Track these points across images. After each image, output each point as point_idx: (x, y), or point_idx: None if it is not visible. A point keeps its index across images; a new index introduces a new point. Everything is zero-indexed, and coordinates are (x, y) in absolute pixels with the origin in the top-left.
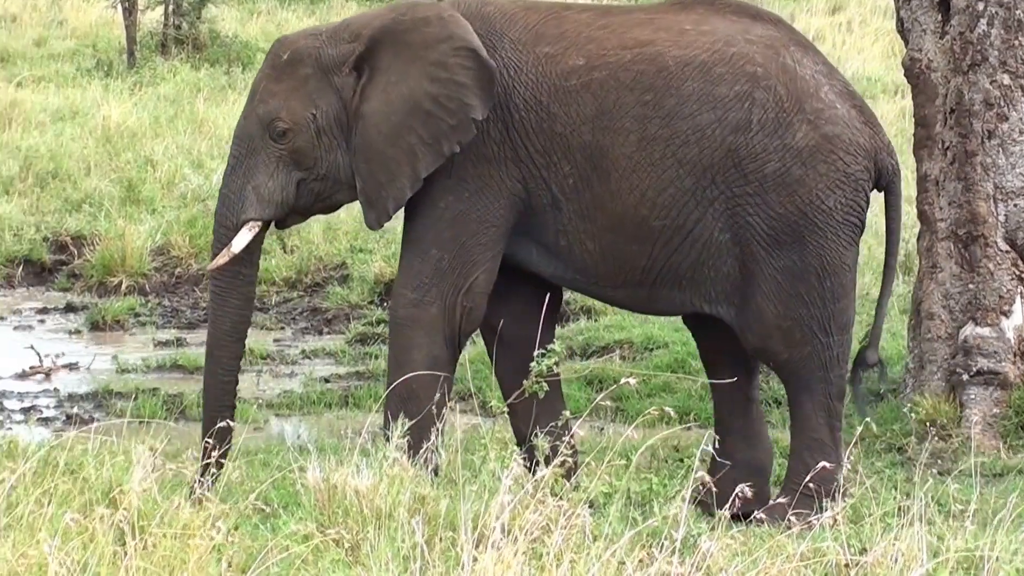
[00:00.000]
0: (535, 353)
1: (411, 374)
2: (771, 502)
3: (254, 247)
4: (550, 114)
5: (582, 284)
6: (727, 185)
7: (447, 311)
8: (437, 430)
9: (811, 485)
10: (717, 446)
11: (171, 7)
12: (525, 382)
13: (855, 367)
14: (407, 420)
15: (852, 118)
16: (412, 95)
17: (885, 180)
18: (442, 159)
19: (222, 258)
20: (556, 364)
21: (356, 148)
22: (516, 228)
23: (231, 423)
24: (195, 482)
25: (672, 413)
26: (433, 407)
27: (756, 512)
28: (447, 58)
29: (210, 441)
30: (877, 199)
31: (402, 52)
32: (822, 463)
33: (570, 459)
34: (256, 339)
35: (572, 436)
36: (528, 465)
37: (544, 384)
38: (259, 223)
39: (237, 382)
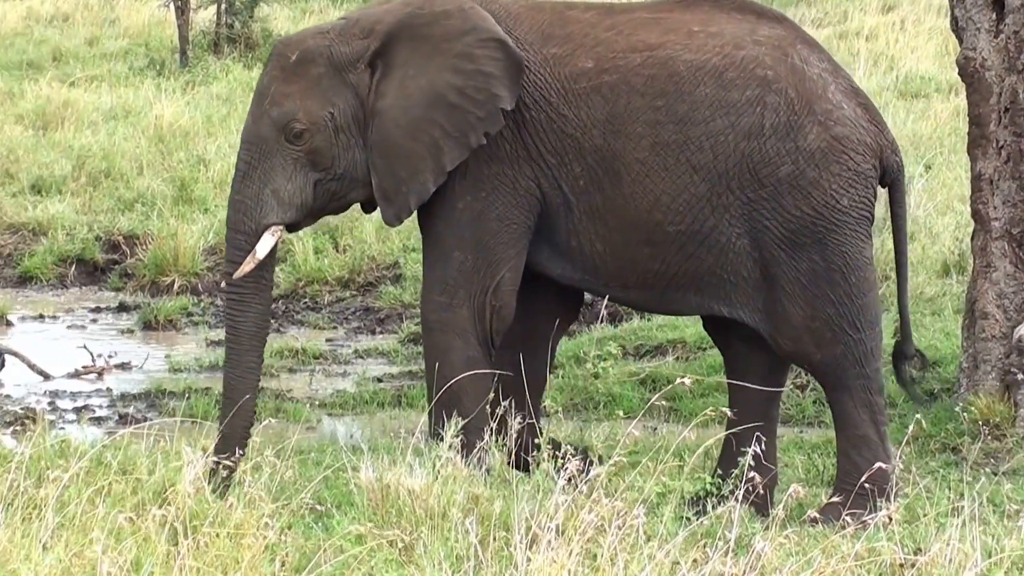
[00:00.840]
0: (592, 353)
1: (451, 378)
2: (825, 502)
3: (273, 251)
4: (560, 115)
5: (591, 284)
6: (741, 190)
7: (477, 312)
8: (489, 429)
9: (865, 485)
10: (723, 456)
11: (223, 6)
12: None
13: (896, 362)
14: (452, 424)
15: (859, 117)
16: (433, 88)
17: (890, 177)
18: (468, 151)
19: (248, 265)
20: (612, 365)
21: (373, 144)
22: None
23: (251, 425)
24: (212, 475)
25: (728, 413)
26: (480, 406)
27: (810, 512)
28: (473, 49)
29: (227, 444)
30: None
31: (420, 46)
32: (877, 464)
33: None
34: (309, 339)
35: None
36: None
37: (599, 385)
38: (282, 227)
39: (259, 385)
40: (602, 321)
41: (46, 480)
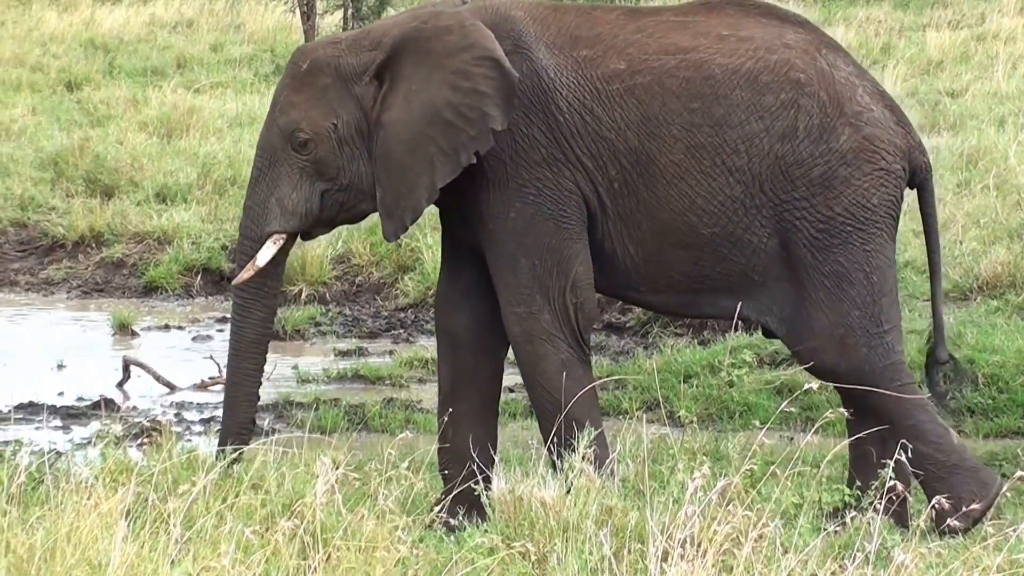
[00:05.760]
0: (727, 362)
1: (549, 388)
2: (928, 507)
3: (280, 259)
4: (595, 117)
5: (621, 289)
6: (774, 192)
7: (559, 314)
8: (600, 429)
9: (948, 464)
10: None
11: (350, 11)
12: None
13: (929, 368)
14: (567, 432)
15: (887, 119)
16: (433, 104)
17: (919, 178)
18: (459, 170)
19: (247, 272)
20: (747, 373)
21: (377, 158)
22: None
23: (252, 431)
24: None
25: (846, 414)
26: (589, 407)
27: (949, 521)
28: (468, 67)
29: (226, 448)
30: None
31: (424, 60)
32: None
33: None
34: None
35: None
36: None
37: (733, 394)
38: (283, 235)
39: (259, 392)
40: (736, 329)
41: (174, 493)
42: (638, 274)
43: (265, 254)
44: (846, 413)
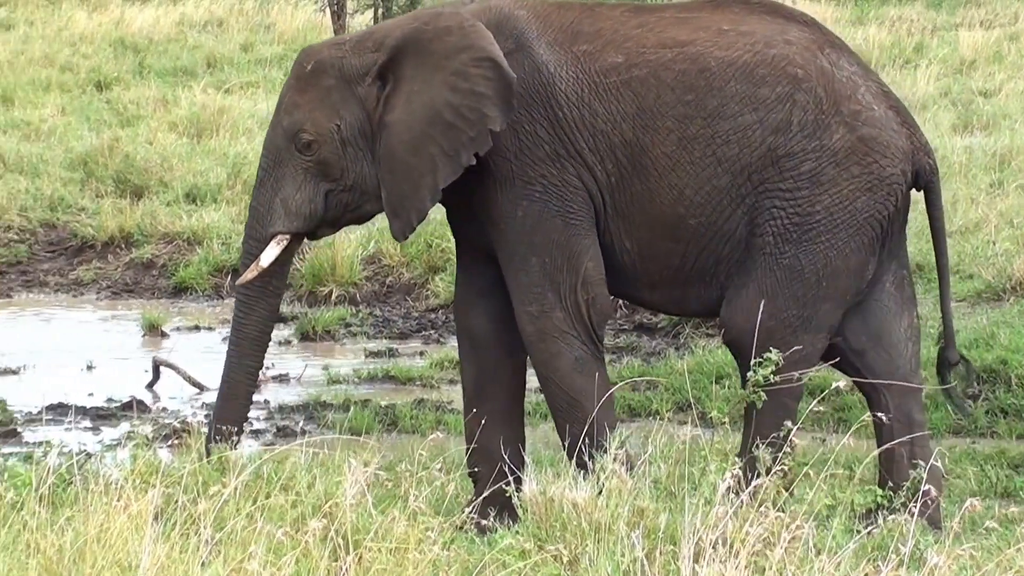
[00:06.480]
0: (752, 362)
1: (563, 385)
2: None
3: (284, 259)
4: (592, 111)
5: (619, 285)
6: (761, 181)
7: (571, 311)
8: (615, 425)
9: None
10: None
11: (380, 11)
12: (742, 391)
13: (940, 369)
14: (578, 428)
15: (889, 119)
16: (433, 104)
17: (924, 180)
18: (460, 170)
19: (250, 272)
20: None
21: (380, 158)
22: None
23: (244, 427)
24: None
25: (884, 419)
26: (602, 403)
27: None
28: (468, 68)
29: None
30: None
31: (425, 61)
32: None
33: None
34: None
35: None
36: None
37: (762, 394)
38: (287, 236)
39: (255, 389)
40: None
41: (204, 495)
42: (635, 269)
43: (269, 255)
44: (884, 418)
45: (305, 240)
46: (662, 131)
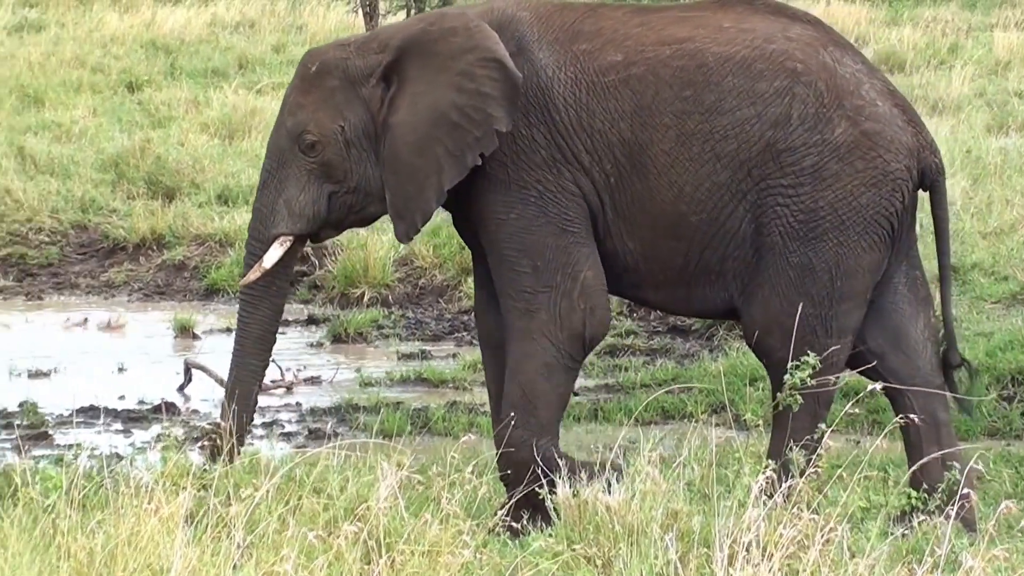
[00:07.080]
0: (789, 364)
1: (525, 385)
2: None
3: (288, 260)
4: (589, 111)
5: (624, 287)
6: (762, 177)
7: (560, 316)
8: (555, 438)
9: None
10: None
11: (413, 11)
12: (779, 395)
13: (943, 371)
14: (521, 431)
15: (894, 116)
16: (438, 105)
17: (929, 179)
18: (465, 171)
19: (253, 273)
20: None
21: (384, 160)
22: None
23: (248, 428)
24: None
25: (916, 420)
26: (553, 412)
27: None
28: (474, 68)
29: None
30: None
31: (430, 62)
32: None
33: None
34: None
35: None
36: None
37: (799, 397)
38: (290, 237)
39: (260, 389)
40: None
41: (236, 497)
42: (638, 270)
43: (272, 256)
44: (917, 420)
45: (308, 242)
46: (660, 128)
